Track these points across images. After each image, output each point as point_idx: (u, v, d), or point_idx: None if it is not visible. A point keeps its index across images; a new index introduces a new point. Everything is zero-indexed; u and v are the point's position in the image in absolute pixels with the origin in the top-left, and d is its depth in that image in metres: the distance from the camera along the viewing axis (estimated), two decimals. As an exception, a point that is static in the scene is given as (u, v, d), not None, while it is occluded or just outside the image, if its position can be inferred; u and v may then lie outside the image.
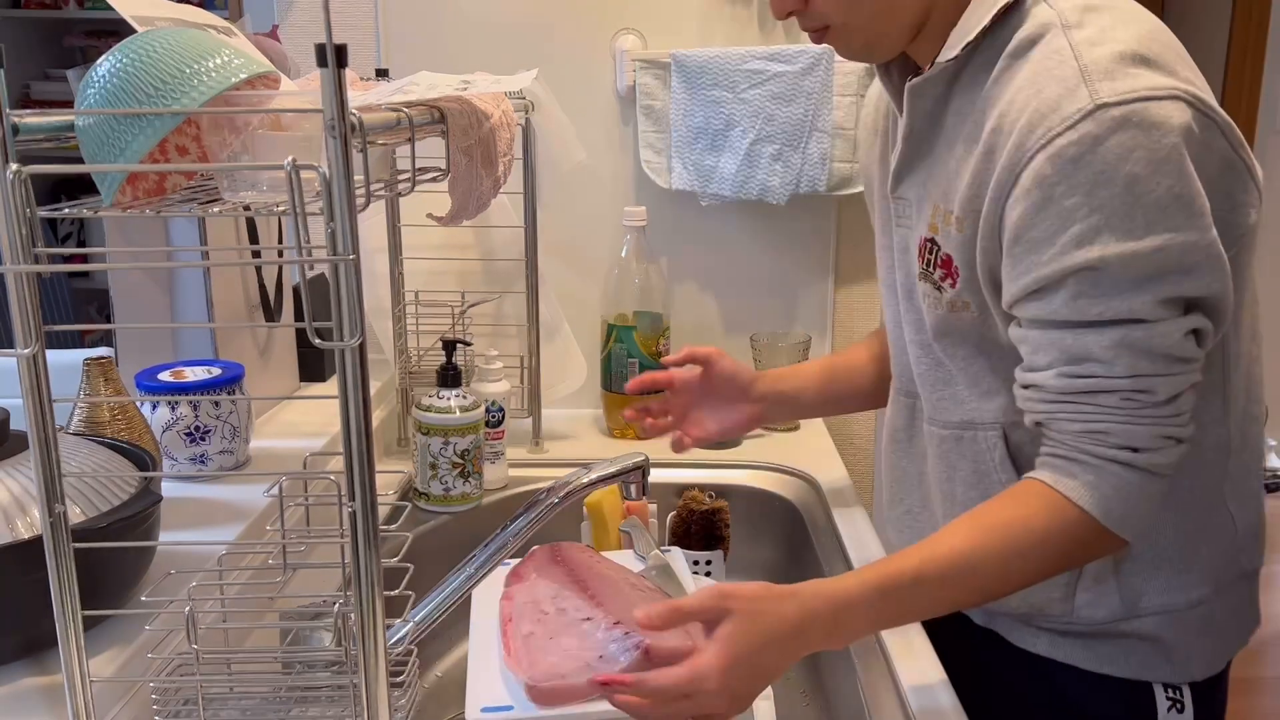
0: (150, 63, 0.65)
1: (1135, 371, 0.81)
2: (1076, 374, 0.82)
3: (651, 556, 1.12)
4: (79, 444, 0.90)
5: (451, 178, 0.95)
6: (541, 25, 1.60)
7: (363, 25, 1.61)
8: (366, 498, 0.62)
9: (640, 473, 1.07)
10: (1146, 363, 0.80)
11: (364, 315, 0.60)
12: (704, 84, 1.55)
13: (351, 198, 0.57)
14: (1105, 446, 0.83)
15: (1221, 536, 0.96)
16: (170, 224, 1.20)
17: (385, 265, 1.46)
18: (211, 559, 0.92)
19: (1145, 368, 0.80)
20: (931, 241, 0.93)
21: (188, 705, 0.75)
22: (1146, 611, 0.95)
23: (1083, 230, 0.78)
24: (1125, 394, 0.81)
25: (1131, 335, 0.80)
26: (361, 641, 0.64)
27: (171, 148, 0.69)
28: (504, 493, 1.42)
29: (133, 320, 1.23)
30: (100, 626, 0.84)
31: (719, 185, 1.58)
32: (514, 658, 0.94)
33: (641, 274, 1.53)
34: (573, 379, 1.58)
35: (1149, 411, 0.82)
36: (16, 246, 0.59)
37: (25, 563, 0.75)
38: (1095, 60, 0.79)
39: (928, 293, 0.96)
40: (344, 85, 0.56)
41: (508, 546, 0.97)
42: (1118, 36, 0.80)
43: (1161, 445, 0.83)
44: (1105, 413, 0.82)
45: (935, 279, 0.94)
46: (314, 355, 1.46)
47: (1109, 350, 0.80)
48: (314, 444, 1.26)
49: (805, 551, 1.32)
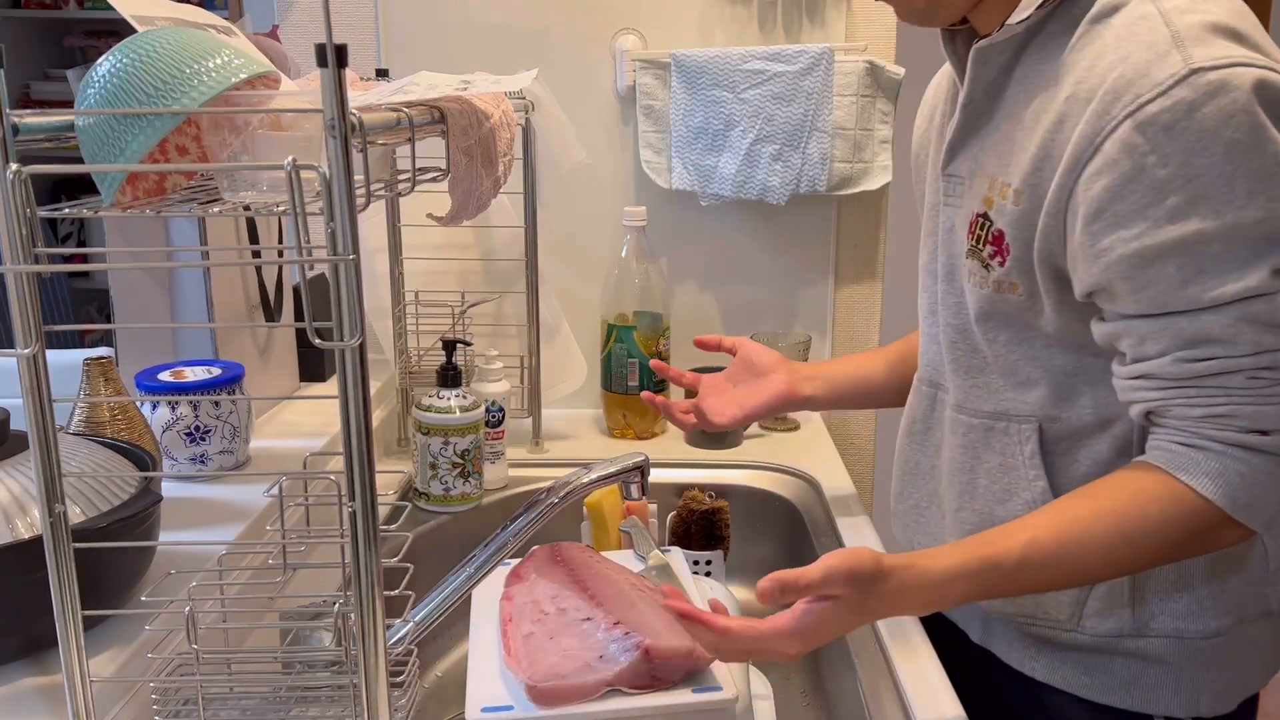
0: (150, 63, 0.65)
1: (1260, 348, 0.77)
2: (1196, 357, 0.78)
3: (651, 556, 1.12)
4: (79, 444, 0.90)
5: (451, 178, 0.95)
6: (541, 25, 1.60)
7: (363, 25, 1.61)
8: (366, 498, 0.62)
9: (640, 473, 1.07)
10: (1271, 337, 0.76)
11: (364, 315, 0.60)
12: (704, 84, 1.55)
13: (351, 198, 0.57)
14: (1232, 430, 0.79)
15: (1252, 569, 0.91)
16: (170, 224, 1.20)
17: (385, 265, 1.46)
18: (211, 559, 0.92)
19: (1270, 342, 0.77)
20: (984, 217, 0.90)
21: (188, 705, 0.75)
22: (1156, 633, 0.92)
23: (1179, 203, 0.75)
24: (1250, 372, 0.77)
25: (1251, 309, 0.76)
26: (361, 641, 0.64)
27: (171, 148, 0.69)
28: (504, 493, 1.42)
29: (133, 320, 1.23)
30: (100, 626, 0.84)
31: (719, 185, 1.58)
32: (514, 658, 0.94)
33: (641, 274, 1.53)
34: (573, 379, 1.58)
35: (1277, 390, 0.78)
36: (16, 246, 0.59)
37: (25, 563, 0.75)
38: (1188, 26, 0.76)
39: (974, 270, 0.92)
40: (344, 85, 0.56)
41: (508, 546, 0.97)
42: (1208, 9, 0.77)
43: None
44: (1230, 394, 0.78)
45: (984, 256, 0.90)
46: (314, 355, 1.46)
47: (1229, 328, 0.76)
48: (314, 444, 1.26)
49: (805, 552, 1.32)
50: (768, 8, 1.59)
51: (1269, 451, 0.79)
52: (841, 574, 0.79)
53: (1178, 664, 0.92)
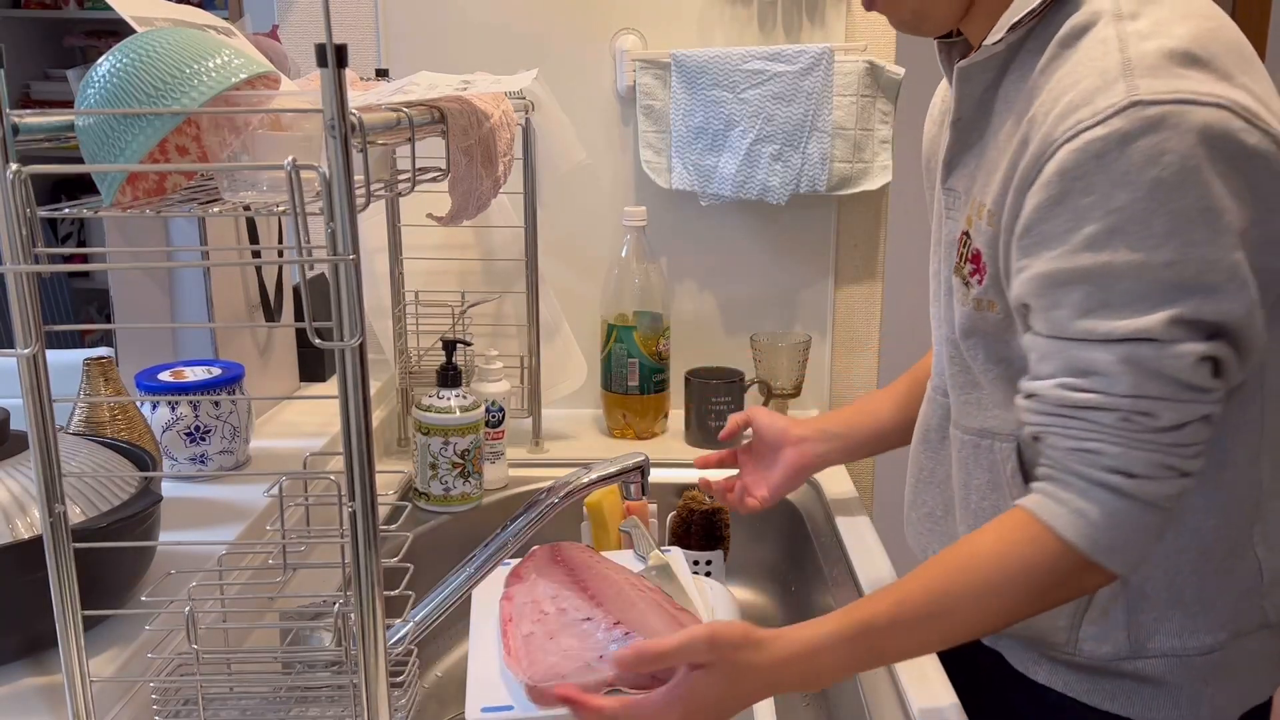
0: (150, 63, 0.65)
1: (1138, 391, 0.75)
2: (1078, 386, 0.77)
3: (651, 556, 1.12)
4: (79, 444, 0.90)
5: (451, 178, 0.95)
6: (541, 25, 1.60)
7: (363, 25, 1.61)
8: (366, 498, 0.62)
9: (640, 473, 1.07)
10: (1153, 384, 0.75)
11: (364, 315, 0.60)
12: (704, 84, 1.55)
13: (351, 198, 0.57)
14: (1095, 468, 0.78)
15: (1245, 582, 0.89)
16: (170, 224, 1.20)
17: (385, 265, 1.46)
18: (211, 559, 0.92)
19: (1150, 389, 0.75)
20: (966, 235, 0.90)
21: (188, 705, 0.75)
22: (1154, 653, 0.90)
23: (1095, 232, 0.74)
24: (1125, 414, 0.76)
25: (1139, 352, 0.75)
26: (361, 641, 0.64)
27: (171, 148, 0.69)
28: (504, 493, 1.42)
29: (133, 320, 1.23)
30: (100, 626, 0.84)
31: (719, 185, 1.58)
32: (514, 658, 0.94)
33: (641, 274, 1.53)
34: (573, 379, 1.58)
35: (1149, 436, 0.76)
36: (16, 246, 0.59)
37: (25, 563, 0.75)
38: (1141, 54, 0.74)
39: (957, 287, 0.92)
40: (344, 85, 0.56)
41: (508, 546, 0.97)
42: (1173, 32, 0.75)
43: (1160, 474, 0.77)
44: (1100, 431, 0.77)
45: (965, 274, 0.91)
46: (314, 355, 1.46)
47: (1113, 366, 0.75)
48: (314, 444, 1.26)
49: (806, 552, 1.32)
50: (768, 8, 1.59)
51: (1132, 496, 0.77)
52: (701, 640, 0.80)
53: (1177, 682, 0.90)
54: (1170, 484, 0.78)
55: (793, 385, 1.62)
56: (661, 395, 1.58)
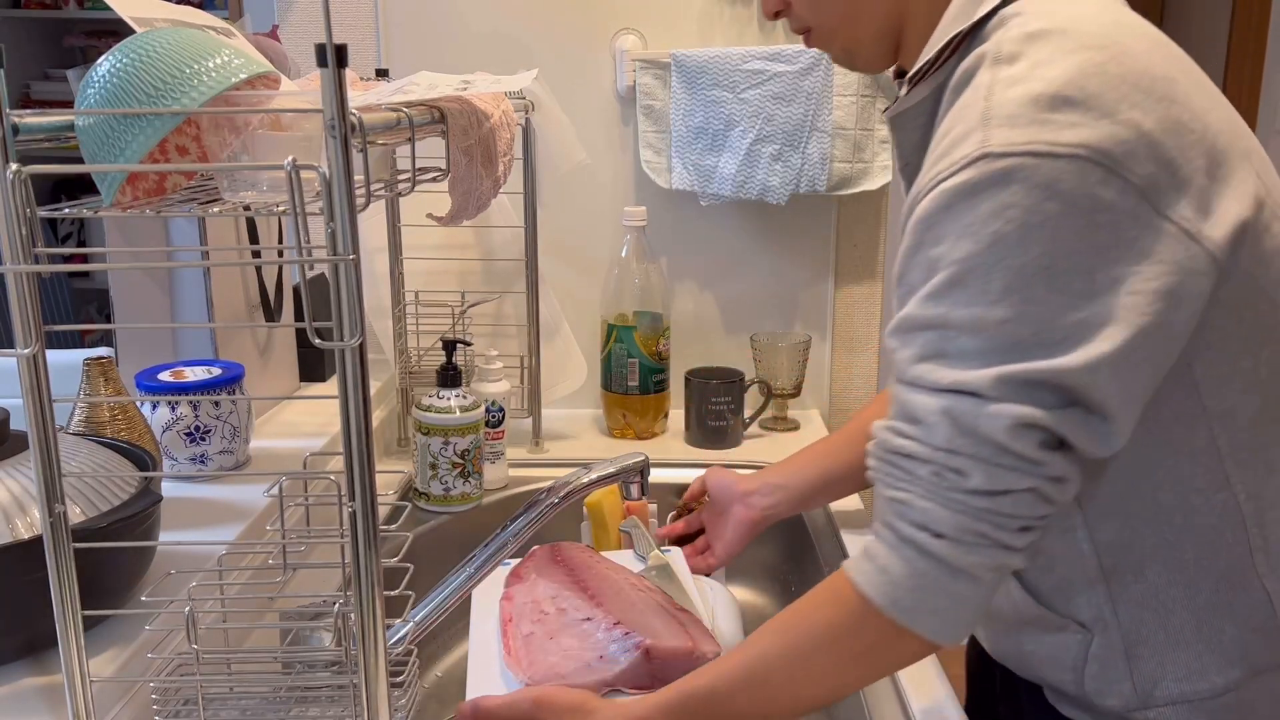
0: (150, 63, 0.65)
1: (951, 446, 0.71)
2: (901, 432, 0.74)
3: (651, 556, 1.12)
4: (79, 444, 0.90)
5: (451, 178, 0.95)
6: (541, 25, 1.60)
7: (363, 25, 1.61)
8: (366, 498, 0.62)
9: (640, 473, 1.07)
10: (966, 441, 0.71)
11: (364, 315, 0.60)
12: (704, 84, 1.55)
13: (351, 198, 0.57)
14: (904, 521, 0.74)
15: (1254, 615, 0.81)
16: (170, 224, 1.20)
17: (385, 265, 1.46)
18: (211, 559, 0.92)
19: (964, 446, 0.71)
20: None
21: (188, 705, 0.75)
22: (1163, 700, 0.83)
23: (939, 283, 0.72)
24: (937, 468, 0.72)
25: (959, 405, 0.71)
26: (361, 641, 0.64)
27: (171, 148, 0.69)
28: (504, 493, 1.42)
29: (133, 320, 1.23)
30: (100, 626, 0.84)
31: (719, 185, 1.58)
32: (514, 658, 0.94)
33: (641, 274, 1.53)
34: (573, 379, 1.58)
35: (959, 496, 0.72)
36: (16, 246, 0.59)
37: (25, 563, 0.75)
38: (1003, 103, 0.71)
39: None
40: (344, 85, 0.56)
41: (508, 546, 0.97)
42: (1045, 74, 0.70)
43: (970, 540, 0.72)
44: (912, 482, 0.73)
45: None
46: (314, 355, 1.46)
47: (933, 415, 0.72)
48: (314, 444, 1.26)
49: (806, 552, 1.32)
50: (768, 8, 1.59)
51: (938, 558, 0.73)
52: (528, 699, 0.83)
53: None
54: (983, 553, 0.72)
55: (793, 385, 1.62)
56: (661, 395, 1.58)
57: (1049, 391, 0.70)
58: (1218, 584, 0.81)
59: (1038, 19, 0.74)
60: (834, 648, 0.77)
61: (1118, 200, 0.69)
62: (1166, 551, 0.79)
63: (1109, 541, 0.80)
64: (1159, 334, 0.70)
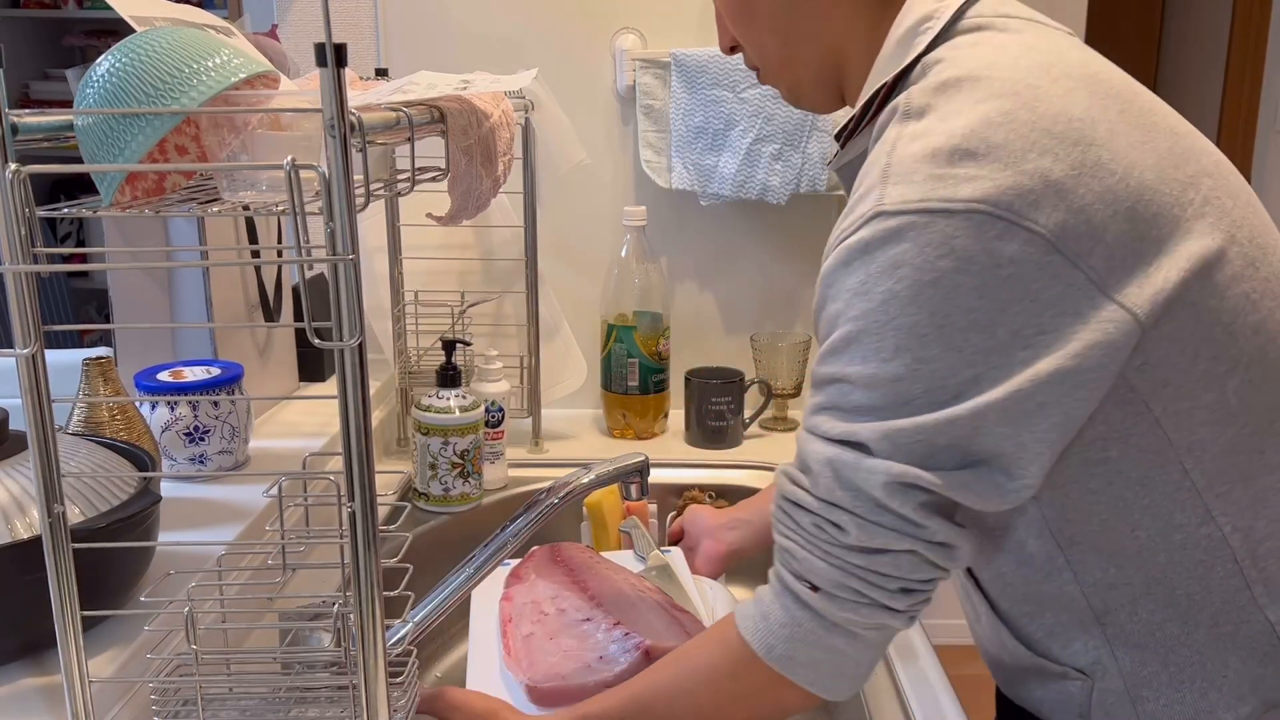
0: (149, 62, 0.65)
1: (831, 498, 0.71)
2: (794, 478, 0.75)
3: (651, 557, 1.12)
4: (78, 444, 0.90)
5: (451, 177, 0.95)
6: (541, 24, 1.60)
7: (363, 25, 1.61)
8: (366, 498, 0.62)
9: (640, 473, 1.07)
10: (845, 494, 0.71)
11: (363, 315, 0.60)
12: (704, 83, 1.54)
13: (351, 198, 0.57)
14: (786, 569, 0.75)
15: (1258, 647, 0.78)
16: (169, 224, 1.20)
17: (385, 265, 1.46)
18: (211, 559, 0.92)
19: (842, 499, 0.71)
20: None
21: (187, 706, 0.75)
22: None
23: (836, 341, 0.72)
24: (817, 519, 0.72)
25: (842, 458, 0.71)
26: (361, 642, 0.64)
27: (171, 147, 0.68)
28: (504, 493, 1.42)
29: (132, 320, 1.23)
30: (100, 626, 0.84)
31: (719, 185, 1.58)
32: (514, 658, 0.94)
33: (641, 274, 1.53)
34: (573, 379, 1.58)
35: (836, 550, 0.72)
36: (15, 246, 0.59)
37: (25, 563, 0.75)
38: (902, 159, 0.70)
39: None
40: (344, 85, 0.56)
41: (507, 547, 0.97)
42: (948, 127, 0.69)
43: (845, 595, 0.72)
44: (797, 531, 0.74)
45: None
46: (313, 355, 1.46)
47: (819, 465, 0.72)
48: (313, 444, 1.26)
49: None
50: (768, 7, 1.59)
51: (815, 610, 0.73)
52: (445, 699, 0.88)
53: None
54: (859, 611, 0.72)
55: (793, 385, 1.62)
56: (661, 395, 1.58)
57: (941, 450, 0.69)
58: (1216, 618, 0.78)
59: (954, 67, 0.72)
60: (715, 688, 0.78)
61: (1021, 253, 0.66)
62: (1157, 588, 0.77)
63: (1096, 582, 0.78)
64: (1061, 380, 0.68)
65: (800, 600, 0.74)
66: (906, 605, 0.73)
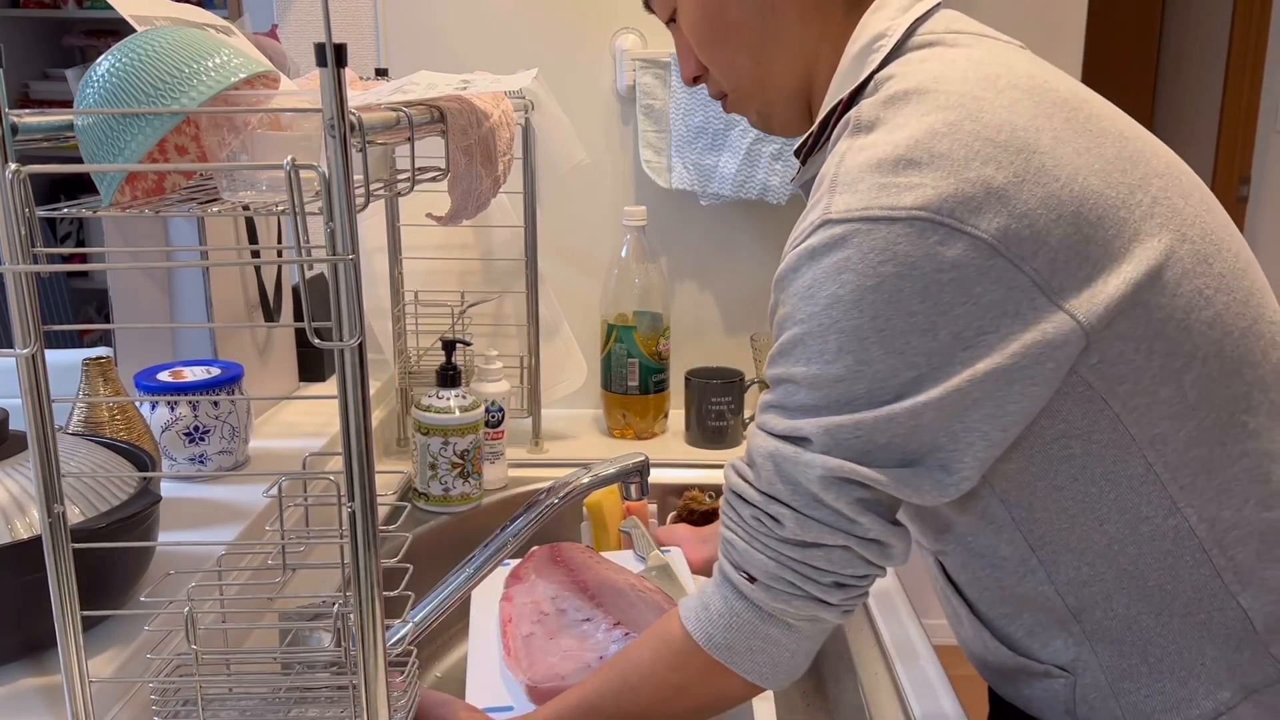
0: (149, 62, 0.64)
1: (770, 490, 0.74)
2: (740, 472, 0.77)
3: (651, 557, 1.12)
4: (78, 444, 0.90)
5: (451, 177, 0.95)
6: (541, 25, 1.60)
7: (363, 25, 1.61)
8: (366, 498, 0.62)
9: (640, 473, 1.07)
10: (784, 487, 0.73)
11: (363, 315, 0.60)
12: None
13: (351, 198, 0.57)
14: (727, 560, 0.77)
15: (1233, 634, 0.79)
16: (169, 224, 1.20)
17: (385, 265, 1.46)
18: (211, 559, 0.92)
19: (780, 491, 0.74)
20: None
21: (187, 706, 0.75)
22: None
23: (785, 342, 0.75)
24: (756, 511, 0.75)
25: (782, 451, 0.73)
26: (361, 642, 0.64)
27: (171, 147, 0.68)
28: (504, 493, 1.42)
29: (132, 320, 1.23)
30: (100, 626, 0.84)
31: (719, 185, 1.58)
32: (514, 658, 0.94)
33: (641, 274, 1.53)
34: (573, 379, 1.58)
35: (772, 542, 0.74)
36: (15, 246, 0.59)
37: (24, 563, 0.75)
38: (848, 169, 0.72)
39: None
40: (344, 85, 0.55)
41: (507, 547, 0.97)
42: (894, 139, 0.71)
43: (781, 587, 0.75)
44: (740, 523, 0.76)
45: None
46: (313, 355, 1.46)
47: (762, 459, 0.75)
48: (313, 444, 1.26)
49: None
50: (768, 7, 1.58)
51: (751, 601, 0.76)
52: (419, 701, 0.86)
53: None
54: (793, 603, 0.75)
55: (793, 385, 1.62)
56: (661, 395, 1.58)
57: (879, 448, 0.72)
58: (1189, 608, 0.78)
59: (904, 81, 0.74)
60: (658, 680, 0.80)
61: (963, 257, 0.68)
62: (1129, 582, 0.78)
63: (1070, 580, 0.79)
64: (996, 376, 0.70)
65: (738, 591, 0.76)
66: (839, 599, 0.75)
